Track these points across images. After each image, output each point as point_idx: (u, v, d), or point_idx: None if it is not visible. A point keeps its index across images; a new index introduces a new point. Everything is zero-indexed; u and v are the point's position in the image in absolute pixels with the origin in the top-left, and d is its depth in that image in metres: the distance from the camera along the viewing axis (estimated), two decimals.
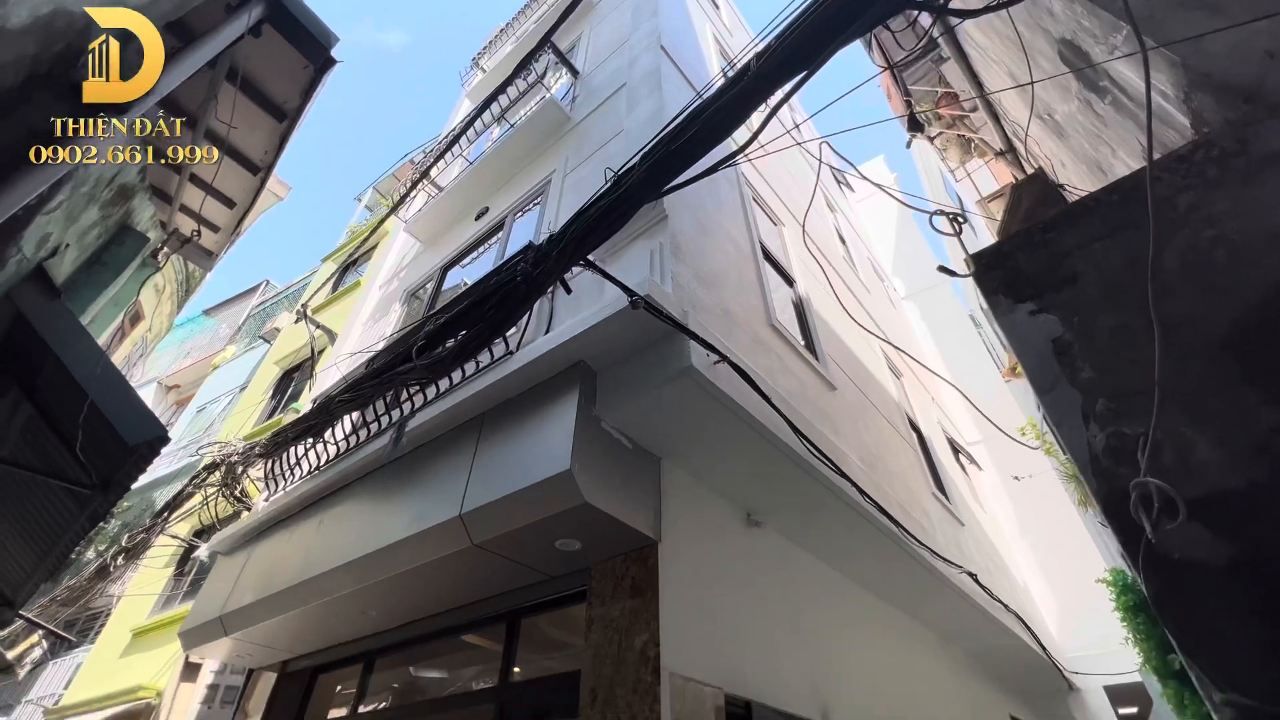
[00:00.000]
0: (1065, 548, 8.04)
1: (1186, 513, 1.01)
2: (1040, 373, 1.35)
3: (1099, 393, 1.25)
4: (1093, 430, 1.22)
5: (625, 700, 2.56)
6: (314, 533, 4.01)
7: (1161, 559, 1.06)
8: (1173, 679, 1.16)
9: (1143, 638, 1.26)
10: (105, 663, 8.62)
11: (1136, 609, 1.35)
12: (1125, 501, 1.11)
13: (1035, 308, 1.41)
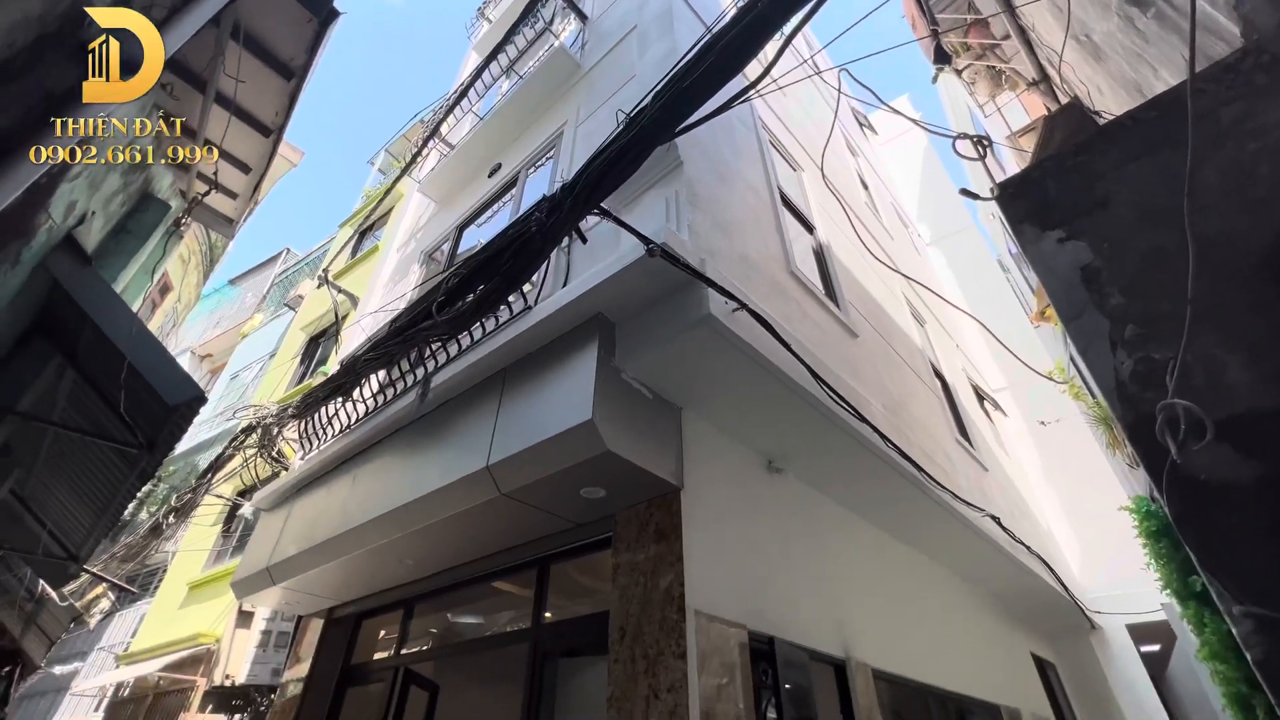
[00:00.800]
0: (1090, 491, 8.00)
1: (1214, 433, 1.00)
2: (1067, 301, 1.31)
3: (1128, 318, 1.21)
4: (1120, 357, 1.20)
5: (653, 637, 2.67)
6: (349, 487, 4.17)
7: (1185, 481, 1.05)
8: (1193, 600, 1.17)
9: (1164, 562, 1.26)
10: (166, 613, 9.23)
11: (1158, 534, 1.35)
12: (1151, 426, 1.10)
13: (1064, 235, 1.36)
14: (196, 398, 2.77)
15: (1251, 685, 1.03)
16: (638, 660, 2.65)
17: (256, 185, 4.77)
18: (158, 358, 2.84)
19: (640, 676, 2.60)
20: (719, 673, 2.61)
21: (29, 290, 2.73)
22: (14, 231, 2.25)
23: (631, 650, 2.70)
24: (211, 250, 7.38)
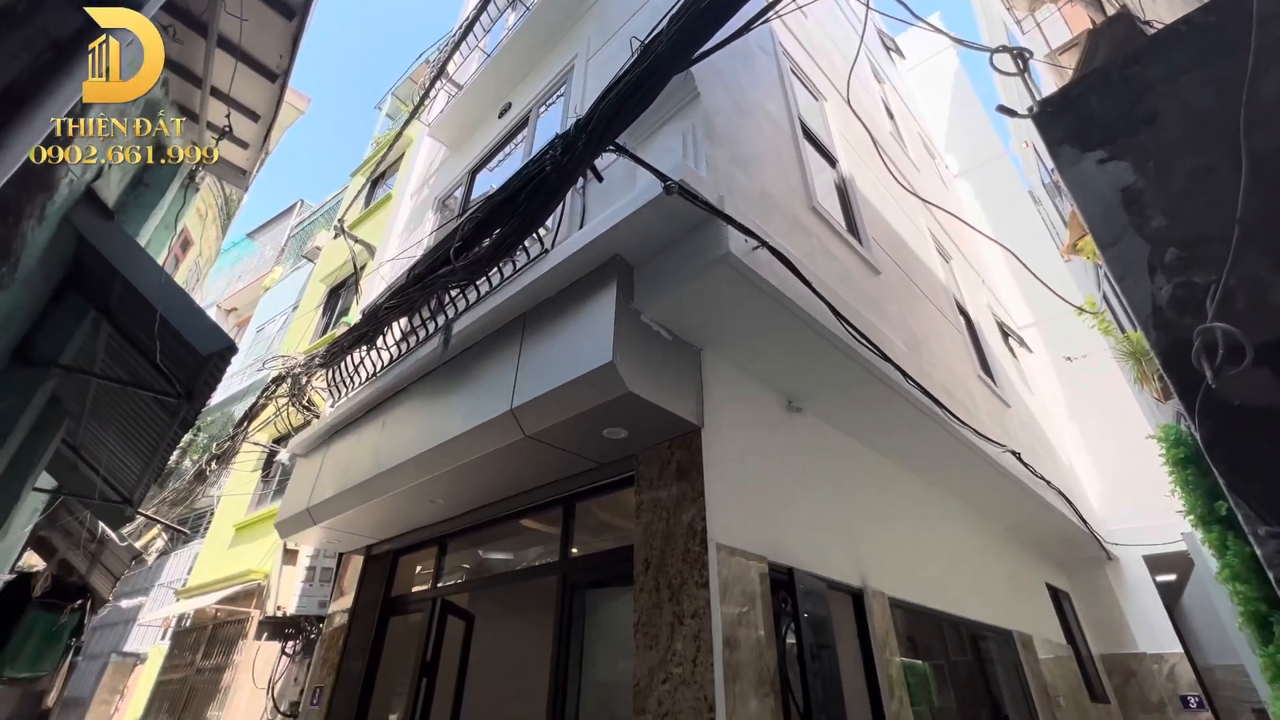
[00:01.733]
0: (1114, 427, 7.94)
1: (1254, 358, 0.97)
2: (1105, 225, 1.26)
3: (1169, 242, 1.16)
4: (1158, 282, 1.15)
5: (676, 568, 2.78)
6: (379, 432, 4.31)
7: (1218, 406, 1.03)
8: (1217, 525, 1.17)
9: (1189, 488, 1.26)
10: (217, 553, 9.82)
11: (1186, 461, 1.34)
12: (1186, 352, 1.07)
13: (1105, 156, 1.29)
14: (228, 347, 2.84)
15: (1271, 604, 1.05)
16: (662, 589, 2.78)
17: (266, 134, 4.70)
18: (187, 309, 2.90)
19: (665, 604, 2.73)
20: (740, 601, 2.72)
21: (57, 245, 2.78)
22: (37, 185, 2.27)
23: (656, 580, 2.82)
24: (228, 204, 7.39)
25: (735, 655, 2.56)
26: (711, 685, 2.42)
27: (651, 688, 2.60)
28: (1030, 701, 5.10)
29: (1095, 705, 6.19)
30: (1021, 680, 5.18)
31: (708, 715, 2.37)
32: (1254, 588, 1.08)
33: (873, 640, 3.48)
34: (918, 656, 4.36)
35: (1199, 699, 6.55)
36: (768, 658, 2.73)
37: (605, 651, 3.72)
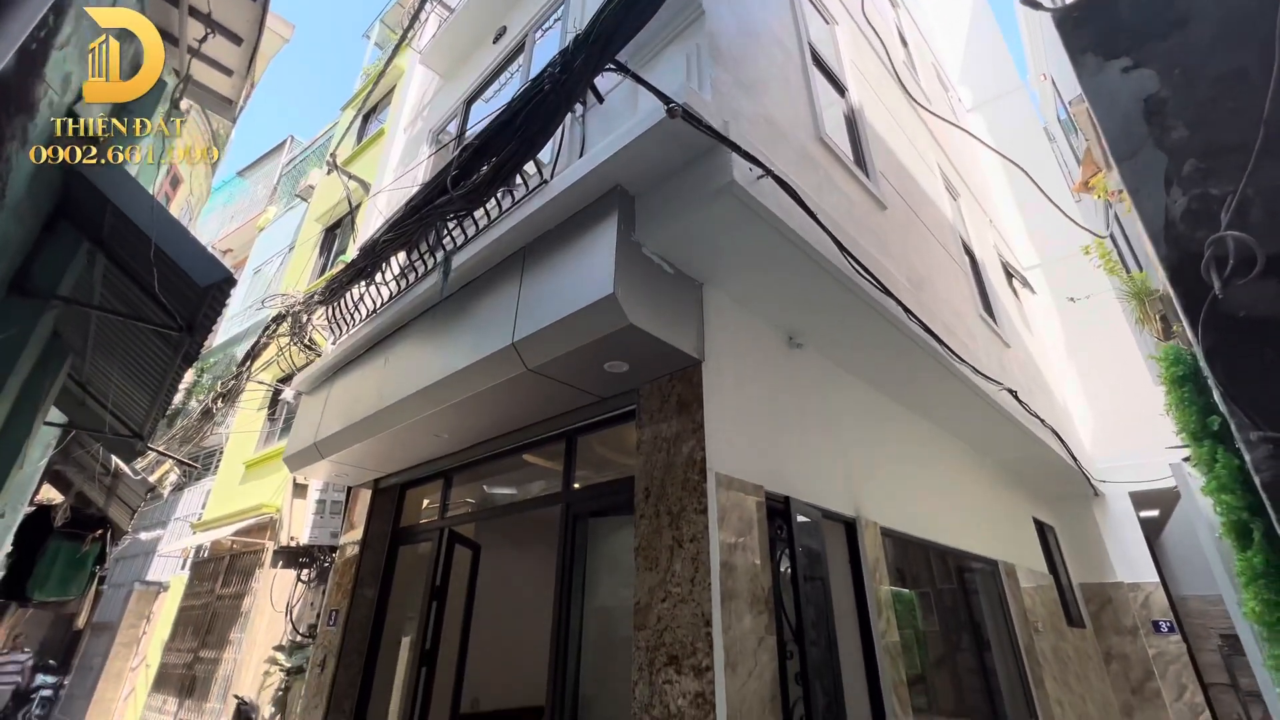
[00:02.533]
0: (1111, 368, 8.00)
1: (1264, 267, 0.96)
2: (1124, 137, 1.22)
3: (1189, 153, 1.13)
4: (1174, 195, 1.13)
5: (676, 496, 2.86)
6: (382, 368, 4.34)
7: (1223, 317, 1.03)
8: (1208, 439, 1.20)
9: (1184, 406, 1.28)
10: (228, 489, 10.11)
11: (1183, 379, 1.36)
12: (1195, 266, 1.06)
13: (1130, 63, 1.23)
14: (226, 279, 2.81)
15: (1253, 512, 1.09)
16: (662, 516, 2.87)
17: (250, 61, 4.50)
18: (182, 240, 2.85)
19: (665, 530, 2.83)
20: (737, 527, 2.82)
21: (44, 171, 2.71)
22: (17, 104, 2.19)
23: (656, 508, 2.91)
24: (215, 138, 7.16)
25: (731, 576, 2.67)
26: (709, 603, 2.54)
27: (652, 605, 2.73)
28: (1010, 626, 5.37)
29: (1071, 629, 6.53)
30: (1004, 607, 5.43)
31: (704, 629, 2.50)
32: (1238, 497, 1.12)
33: (863, 567, 3.62)
34: (905, 586, 4.56)
35: (1170, 624, 6.90)
36: (762, 579, 2.85)
37: (606, 579, 3.88)
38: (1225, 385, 1.00)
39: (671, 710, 2.49)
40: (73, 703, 11.66)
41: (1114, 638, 7.06)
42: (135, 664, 11.05)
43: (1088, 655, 6.68)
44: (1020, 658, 5.22)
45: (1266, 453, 0.94)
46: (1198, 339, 1.03)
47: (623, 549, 3.56)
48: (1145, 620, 6.99)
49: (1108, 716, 6.45)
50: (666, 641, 2.61)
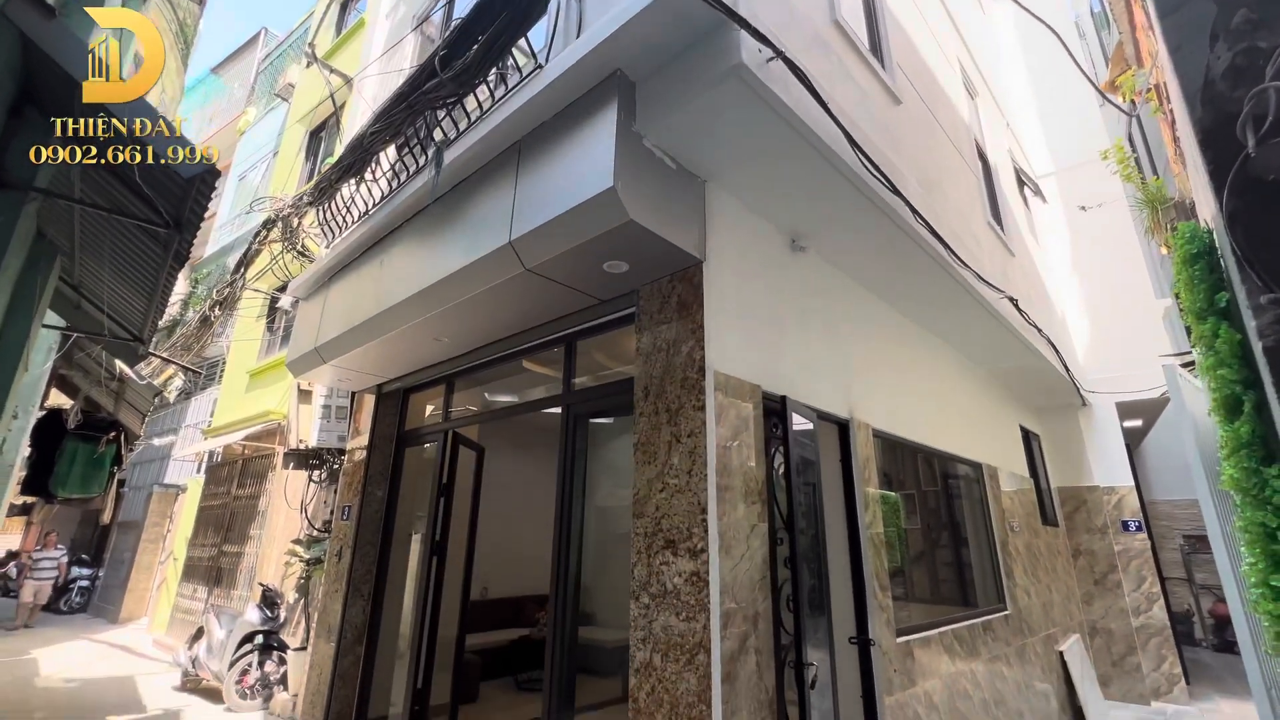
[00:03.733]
0: (1114, 281, 7.95)
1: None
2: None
3: (1241, 2, 1.04)
4: (1218, 50, 1.05)
5: (674, 394, 2.91)
6: (378, 271, 4.28)
7: (1250, 180, 0.99)
8: (1213, 316, 1.20)
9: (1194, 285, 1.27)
10: (234, 397, 10.29)
11: (1196, 257, 1.34)
12: (1228, 129, 1.01)
13: None
14: (209, 169, 2.70)
15: (1246, 385, 1.11)
16: (661, 413, 2.94)
17: None
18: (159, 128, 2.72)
19: (663, 426, 2.91)
20: (734, 423, 2.89)
21: (2, 50, 2.53)
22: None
23: (655, 405, 2.97)
24: (183, 30, 6.64)
25: (727, 470, 2.77)
26: (705, 493, 2.66)
27: (650, 496, 2.86)
28: (989, 524, 5.68)
29: (1045, 528, 6.91)
30: (984, 506, 5.72)
31: (700, 516, 2.64)
32: (1234, 371, 1.14)
33: (854, 465, 3.76)
34: (891, 490, 4.77)
35: (1138, 523, 7.30)
36: (757, 473, 2.96)
37: (606, 481, 4.06)
38: (1243, 249, 0.98)
39: (668, 588, 2.67)
40: (109, 592, 12.52)
41: (1084, 535, 7.50)
42: (163, 558, 11.76)
43: (1058, 551, 7.13)
44: (995, 552, 5.56)
45: (1273, 317, 0.94)
46: (1221, 204, 1.00)
47: (621, 454, 3.69)
48: (1115, 520, 7.40)
49: (1069, 603, 6.98)
50: (664, 528, 2.76)
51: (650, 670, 2.63)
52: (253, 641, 6.31)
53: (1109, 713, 6.40)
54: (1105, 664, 7.05)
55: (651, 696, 2.60)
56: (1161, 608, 7.02)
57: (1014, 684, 5.03)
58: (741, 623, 2.62)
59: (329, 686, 4.83)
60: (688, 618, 2.56)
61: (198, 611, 8.87)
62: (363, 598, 5.10)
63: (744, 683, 2.55)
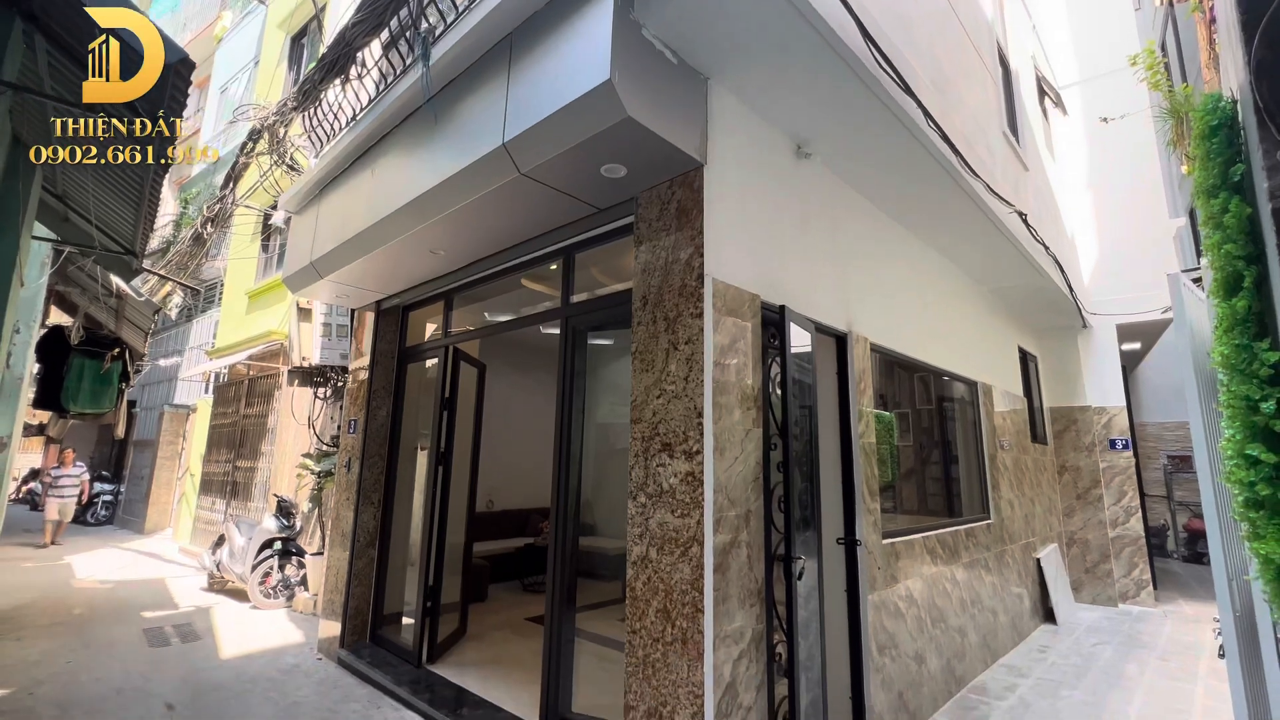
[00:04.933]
0: (1128, 200, 7.73)
1: None
2: None
3: None
4: None
5: (672, 302, 2.90)
6: (370, 181, 4.16)
7: None
8: (1225, 190, 1.17)
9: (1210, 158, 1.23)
10: (235, 319, 10.30)
11: (1215, 129, 1.29)
12: None
13: None
14: (183, 60, 2.56)
15: (1249, 261, 1.10)
16: (659, 321, 2.94)
17: None
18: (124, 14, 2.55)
19: (661, 334, 2.91)
20: (731, 332, 2.90)
21: None
22: None
23: (654, 314, 2.97)
24: None
25: (724, 376, 2.81)
26: (701, 399, 2.70)
27: (648, 401, 2.91)
28: (979, 440, 5.82)
29: (1034, 445, 7.10)
30: (976, 424, 5.84)
31: (696, 420, 2.69)
32: (1239, 247, 1.12)
33: (850, 377, 3.80)
34: (886, 410, 4.84)
35: (1125, 442, 7.49)
36: (753, 381, 3.00)
37: (604, 399, 4.11)
38: (1266, 102, 0.94)
39: (664, 488, 2.77)
40: (132, 505, 13.09)
41: (1071, 453, 7.71)
42: (180, 475, 12.20)
43: (1044, 467, 7.35)
44: (983, 466, 5.74)
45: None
46: (1249, 55, 0.94)
47: (620, 374, 3.72)
48: (1104, 439, 7.58)
49: (1050, 515, 7.29)
50: (661, 432, 2.83)
51: (647, 562, 2.78)
52: (272, 547, 6.66)
53: (1077, 613, 6.84)
54: (1079, 571, 7.46)
55: (648, 585, 2.76)
56: (1139, 520, 7.33)
57: (991, 586, 5.34)
58: (734, 519, 2.74)
59: (346, 585, 5.14)
60: (682, 514, 2.67)
61: (218, 522, 9.31)
62: (373, 505, 5.33)
63: (735, 573, 2.70)
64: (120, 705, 4.01)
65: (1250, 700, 2.59)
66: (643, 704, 2.67)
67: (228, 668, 4.78)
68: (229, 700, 4.12)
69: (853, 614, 3.55)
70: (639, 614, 2.76)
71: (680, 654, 2.57)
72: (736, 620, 2.66)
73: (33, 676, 4.49)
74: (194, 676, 4.57)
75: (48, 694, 4.18)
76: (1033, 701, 4.29)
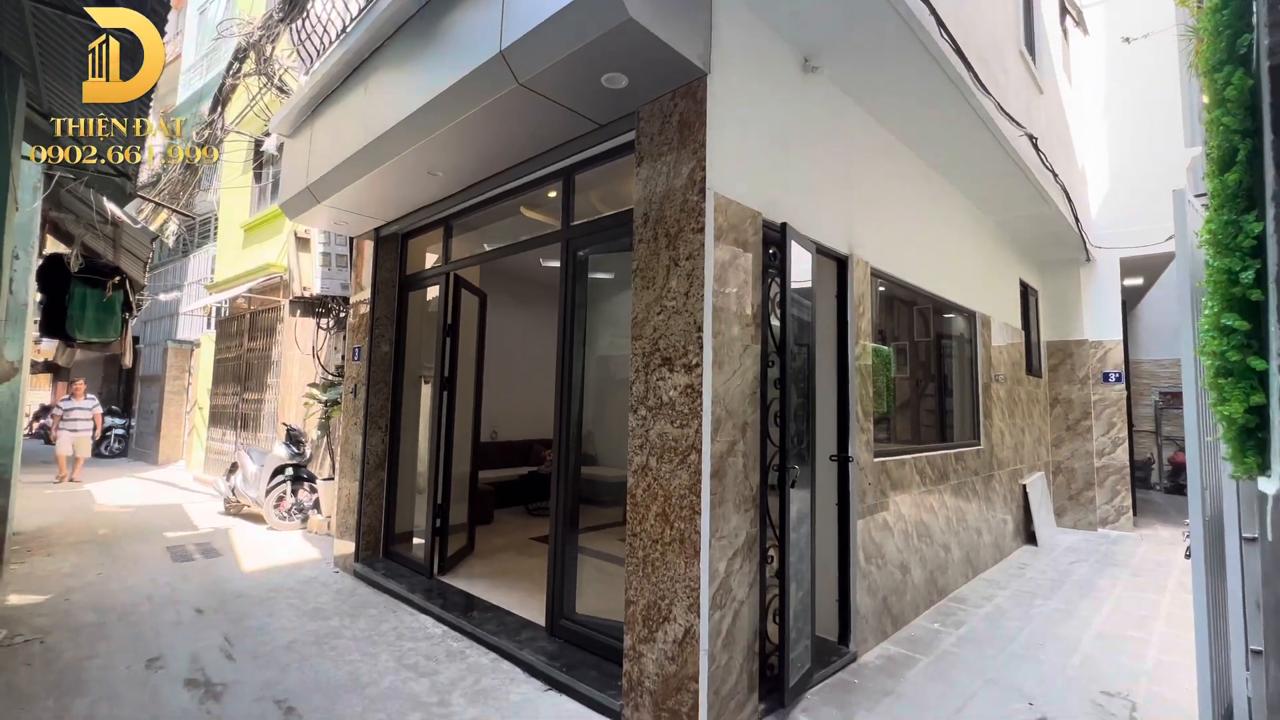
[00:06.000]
0: (1143, 126, 7.49)
1: None
2: None
3: None
4: None
5: (674, 218, 2.89)
6: (364, 98, 4.05)
7: None
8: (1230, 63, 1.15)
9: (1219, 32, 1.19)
10: (232, 253, 10.22)
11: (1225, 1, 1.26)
12: None
13: None
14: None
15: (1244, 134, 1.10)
16: (660, 238, 2.94)
17: None
18: None
19: (662, 251, 2.92)
20: (732, 248, 2.90)
21: None
22: None
23: (655, 230, 2.97)
24: None
25: (724, 291, 2.84)
26: (701, 313, 2.74)
27: (648, 318, 2.96)
28: (974, 371, 5.91)
29: (1029, 377, 7.21)
30: (972, 354, 5.91)
31: (696, 334, 2.75)
32: (1237, 121, 1.12)
33: (849, 301, 3.83)
34: (884, 345, 4.88)
35: (1119, 375, 7.60)
36: (753, 299, 3.03)
37: (605, 333, 4.14)
38: None
39: (664, 400, 2.86)
40: (144, 438, 13.40)
41: (1065, 386, 7.84)
42: (189, 409, 12.43)
43: (1037, 399, 7.49)
44: (977, 395, 5.85)
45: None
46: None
47: (620, 307, 3.73)
48: (1098, 373, 7.69)
49: (1039, 445, 7.49)
50: (661, 347, 2.88)
51: (647, 470, 2.91)
52: (284, 473, 6.88)
53: (1057, 536, 7.15)
54: (1064, 498, 7.74)
55: (648, 491, 2.89)
56: (1125, 450, 7.54)
57: (977, 507, 5.56)
58: (731, 429, 2.84)
59: (358, 505, 5.35)
60: (681, 424, 2.77)
61: (229, 452, 9.57)
62: (380, 430, 5.48)
63: (731, 479, 2.83)
64: (152, 610, 4.27)
65: (1211, 602, 2.77)
66: (642, 598, 2.86)
67: (250, 579, 5.06)
68: (254, 606, 4.38)
69: (842, 525, 3.73)
70: (639, 518, 2.91)
71: (678, 553, 2.73)
72: (732, 522, 2.81)
73: (66, 586, 4.76)
74: (219, 586, 4.84)
75: (82, 600, 4.45)
76: (1009, 609, 4.57)
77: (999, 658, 3.68)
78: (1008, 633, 4.09)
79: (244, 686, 3.15)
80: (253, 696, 3.05)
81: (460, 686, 3.20)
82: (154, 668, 3.35)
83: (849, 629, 3.67)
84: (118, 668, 3.34)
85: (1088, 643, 3.94)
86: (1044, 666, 3.57)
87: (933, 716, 2.97)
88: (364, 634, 3.89)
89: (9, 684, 3.12)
